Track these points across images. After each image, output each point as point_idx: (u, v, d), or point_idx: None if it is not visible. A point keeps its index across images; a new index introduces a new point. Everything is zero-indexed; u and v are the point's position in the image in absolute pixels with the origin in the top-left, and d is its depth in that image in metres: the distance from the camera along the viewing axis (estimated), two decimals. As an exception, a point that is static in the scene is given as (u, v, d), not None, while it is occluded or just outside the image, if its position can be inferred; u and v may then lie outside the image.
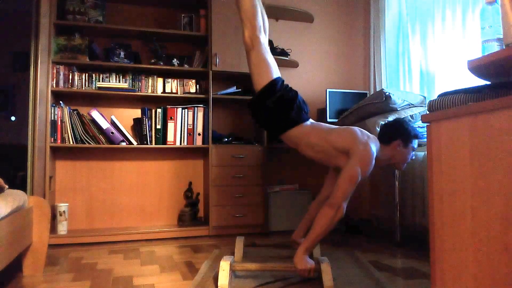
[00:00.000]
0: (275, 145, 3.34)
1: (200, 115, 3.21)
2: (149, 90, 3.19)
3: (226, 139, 3.25)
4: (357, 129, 2.11)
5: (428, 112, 1.35)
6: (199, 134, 3.20)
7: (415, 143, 2.16)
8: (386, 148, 2.13)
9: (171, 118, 3.16)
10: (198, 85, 3.31)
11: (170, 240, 2.99)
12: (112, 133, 3.00)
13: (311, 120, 2.23)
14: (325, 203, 1.94)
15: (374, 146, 2.04)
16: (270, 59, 2.21)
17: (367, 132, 2.12)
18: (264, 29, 2.26)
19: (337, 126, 2.18)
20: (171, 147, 3.17)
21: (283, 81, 2.22)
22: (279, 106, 2.15)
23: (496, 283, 1.03)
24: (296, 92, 2.21)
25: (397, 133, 2.13)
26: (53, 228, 2.84)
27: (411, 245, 2.74)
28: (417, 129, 2.75)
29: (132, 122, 3.28)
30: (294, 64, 3.66)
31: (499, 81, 1.25)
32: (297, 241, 2.34)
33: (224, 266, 1.78)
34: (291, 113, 2.14)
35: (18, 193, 1.94)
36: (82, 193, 3.16)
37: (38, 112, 2.78)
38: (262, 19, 2.25)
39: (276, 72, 2.20)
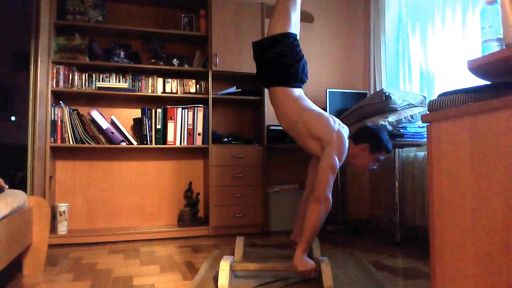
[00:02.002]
0: (275, 145, 3.34)
1: (200, 115, 3.20)
2: (149, 90, 3.19)
3: (226, 139, 3.25)
4: (329, 117, 2.11)
5: (428, 112, 1.35)
6: (199, 134, 3.20)
7: (382, 155, 2.16)
8: (354, 146, 2.14)
9: (171, 118, 3.16)
10: (198, 85, 3.31)
11: (170, 240, 2.99)
12: (112, 133, 3.00)
13: (301, 92, 2.21)
14: (311, 199, 1.94)
15: (345, 133, 2.08)
16: (294, 15, 2.20)
17: (338, 120, 2.14)
18: None
19: (314, 108, 2.16)
20: (171, 147, 3.17)
21: (296, 40, 2.20)
22: (276, 59, 2.15)
23: (496, 283, 1.03)
24: (301, 58, 2.19)
25: (370, 137, 2.14)
26: (53, 228, 2.84)
27: (411, 245, 2.74)
28: (417, 130, 2.76)
29: (132, 122, 3.28)
30: (294, 64, 3.65)
31: (499, 81, 1.25)
32: (296, 241, 2.33)
33: (224, 266, 1.78)
34: (284, 73, 2.14)
35: (18, 193, 1.94)
36: (82, 193, 3.16)
37: (38, 112, 2.79)
38: None
39: (294, 29, 2.19)
